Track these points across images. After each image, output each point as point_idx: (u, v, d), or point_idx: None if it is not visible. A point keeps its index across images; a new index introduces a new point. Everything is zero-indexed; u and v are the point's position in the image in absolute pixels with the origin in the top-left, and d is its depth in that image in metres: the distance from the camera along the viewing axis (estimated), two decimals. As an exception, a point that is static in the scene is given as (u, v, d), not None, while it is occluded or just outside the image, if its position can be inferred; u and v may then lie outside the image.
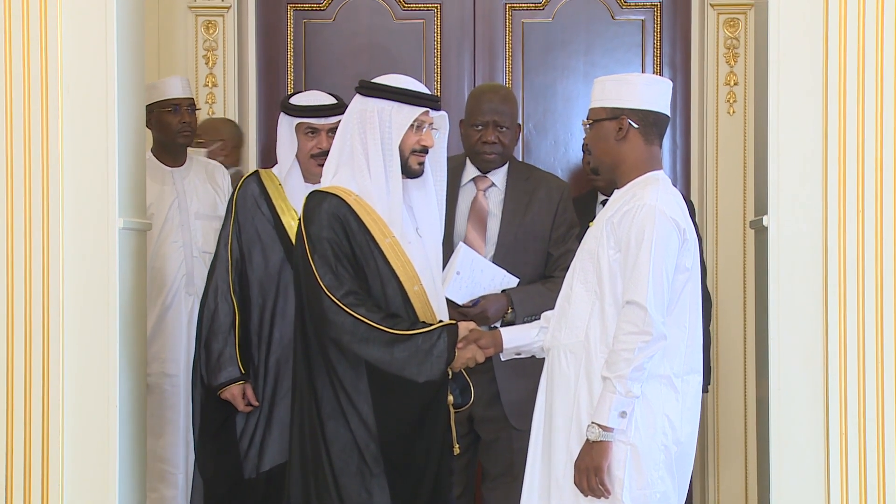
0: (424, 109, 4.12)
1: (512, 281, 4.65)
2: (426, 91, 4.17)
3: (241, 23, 6.13)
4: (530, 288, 4.74)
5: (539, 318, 4.17)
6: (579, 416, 3.77)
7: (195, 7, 6.07)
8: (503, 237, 4.82)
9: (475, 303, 4.62)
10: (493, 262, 4.73)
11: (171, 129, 5.45)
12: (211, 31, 6.08)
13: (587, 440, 3.70)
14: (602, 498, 3.71)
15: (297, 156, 4.73)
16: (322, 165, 4.52)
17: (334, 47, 6.22)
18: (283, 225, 4.66)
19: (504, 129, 4.84)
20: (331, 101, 4.74)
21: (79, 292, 4.36)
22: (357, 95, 4.16)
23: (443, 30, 6.23)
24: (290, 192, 4.70)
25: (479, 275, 4.58)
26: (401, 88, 4.12)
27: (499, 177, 4.91)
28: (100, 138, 4.36)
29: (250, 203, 4.70)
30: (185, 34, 6.09)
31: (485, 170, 4.89)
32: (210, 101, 6.08)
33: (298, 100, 4.75)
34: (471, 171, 4.92)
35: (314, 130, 4.69)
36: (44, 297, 4.33)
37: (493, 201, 4.89)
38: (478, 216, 4.86)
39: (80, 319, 4.36)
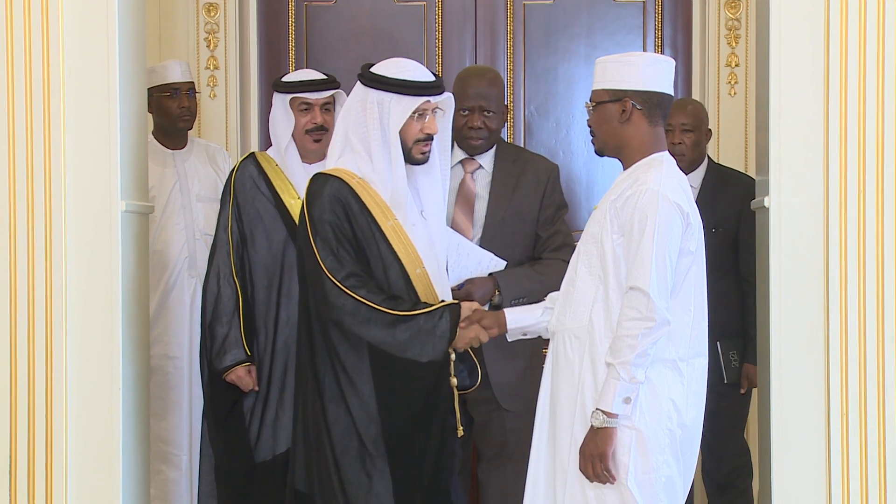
0: (424, 98, 4.02)
1: (499, 264, 4.59)
2: (426, 78, 4.05)
3: (243, 5, 6.13)
4: (517, 270, 4.67)
5: (525, 300, 4.13)
6: (584, 401, 3.71)
7: (196, -11, 6.07)
8: (490, 219, 4.75)
9: (461, 286, 4.55)
10: (481, 244, 4.67)
11: (171, 114, 5.41)
12: (212, 14, 6.07)
13: (591, 426, 3.64)
14: (607, 483, 3.66)
15: (292, 133, 4.67)
16: (317, 141, 4.59)
17: (336, 30, 6.21)
18: (284, 204, 4.61)
19: (490, 113, 4.75)
20: (321, 76, 4.68)
21: (82, 275, 4.32)
22: (359, 83, 4.07)
23: (444, 13, 6.19)
24: (289, 171, 4.65)
25: (465, 259, 4.53)
26: (399, 80, 4.01)
27: (486, 159, 4.83)
28: (101, 122, 4.32)
29: (249, 185, 4.64)
30: (187, 17, 6.08)
31: (472, 153, 4.83)
32: (211, 84, 6.07)
33: (290, 77, 4.70)
34: (458, 153, 4.83)
35: (308, 105, 4.63)
36: (47, 279, 4.29)
37: (481, 184, 4.81)
38: (465, 199, 4.79)
39: (83, 302, 4.32)
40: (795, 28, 4.27)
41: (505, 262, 4.58)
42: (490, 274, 4.61)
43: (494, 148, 4.85)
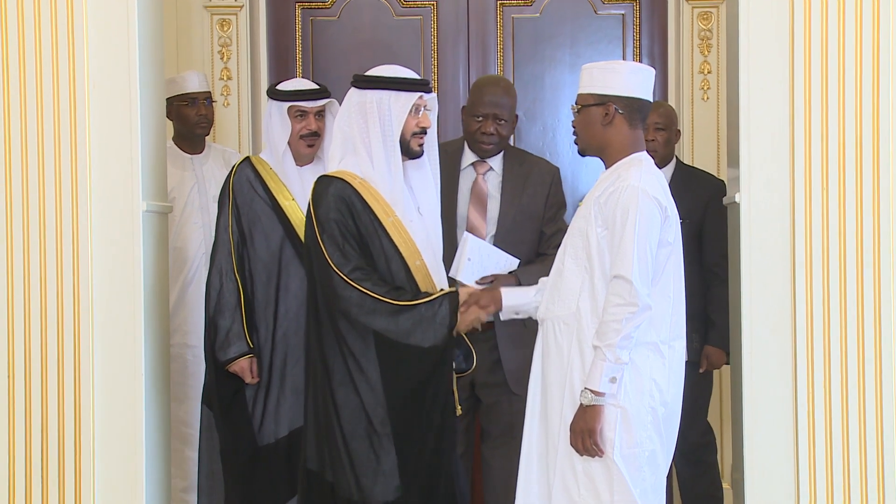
0: (419, 94, 4.12)
1: (514, 262, 4.62)
2: (418, 77, 4.18)
3: (253, 20, 6.12)
4: (532, 268, 4.68)
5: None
6: (572, 382, 3.77)
7: (210, 6, 6.05)
8: (503, 218, 4.81)
9: (487, 283, 4.61)
10: (495, 240, 4.73)
11: (189, 121, 5.43)
12: (225, 29, 6.08)
13: (580, 405, 3.70)
14: (595, 457, 3.73)
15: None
16: (311, 146, 4.60)
17: (339, 42, 6.22)
18: (280, 206, 4.62)
19: (502, 121, 4.80)
20: (315, 86, 4.70)
21: (106, 270, 4.37)
22: (353, 89, 4.14)
23: (439, 25, 6.21)
24: (285, 174, 4.65)
25: (486, 259, 4.55)
26: (396, 78, 4.12)
27: (496, 162, 4.88)
28: (123, 129, 4.36)
29: (247, 188, 4.63)
30: (202, 31, 6.07)
31: (482, 156, 4.87)
32: (225, 94, 6.07)
33: (286, 86, 4.70)
34: (470, 155, 4.89)
35: (303, 113, 4.64)
36: (74, 274, 4.34)
37: (492, 184, 4.86)
38: (478, 198, 4.84)
39: (107, 294, 4.37)
40: (762, 37, 4.32)
41: (518, 261, 4.60)
42: (511, 272, 4.64)
43: (502, 151, 4.89)
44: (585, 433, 3.70)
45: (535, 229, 4.84)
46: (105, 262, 4.38)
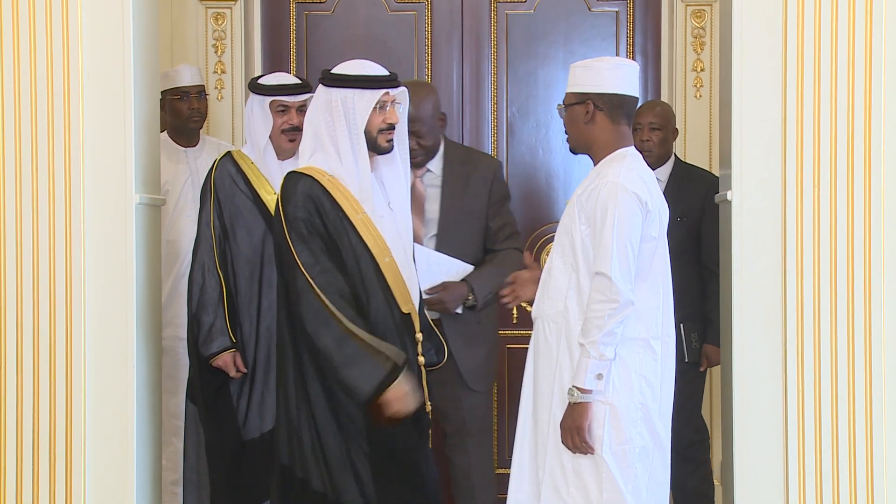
0: (384, 91, 4.08)
1: (468, 269, 4.59)
2: (383, 73, 4.13)
3: (248, 14, 6.10)
4: (483, 272, 4.70)
5: (492, 295, 4.20)
6: (562, 380, 3.78)
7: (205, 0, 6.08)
8: (444, 218, 4.76)
9: (435, 292, 4.58)
10: (437, 240, 4.70)
11: (182, 115, 5.44)
12: (220, 22, 6.07)
13: (569, 402, 3.71)
14: (586, 454, 3.72)
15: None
16: (292, 141, 4.59)
17: (333, 37, 6.21)
18: (261, 200, 4.62)
19: (421, 135, 4.70)
20: (297, 80, 4.72)
21: (99, 262, 4.35)
22: (321, 86, 4.12)
23: (433, 21, 6.20)
24: (266, 169, 4.65)
25: (434, 267, 4.53)
26: (359, 76, 4.08)
27: (434, 163, 4.82)
28: (117, 122, 4.35)
29: (228, 182, 4.64)
30: (196, 25, 6.07)
31: (414, 166, 4.75)
32: (219, 87, 6.06)
33: (268, 80, 4.71)
34: None
35: (285, 108, 4.65)
36: (67, 265, 4.33)
37: (431, 185, 4.81)
38: (415, 201, 4.74)
39: (100, 287, 4.35)
40: (755, 35, 4.30)
41: (472, 267, 4.55)
42: (463, 279, 4.64)
43: (442, 151, 4.83)
44: (574, 430, 3.71)
45: (480, 228, 4.81)
46: (98, 254, 4.36)
